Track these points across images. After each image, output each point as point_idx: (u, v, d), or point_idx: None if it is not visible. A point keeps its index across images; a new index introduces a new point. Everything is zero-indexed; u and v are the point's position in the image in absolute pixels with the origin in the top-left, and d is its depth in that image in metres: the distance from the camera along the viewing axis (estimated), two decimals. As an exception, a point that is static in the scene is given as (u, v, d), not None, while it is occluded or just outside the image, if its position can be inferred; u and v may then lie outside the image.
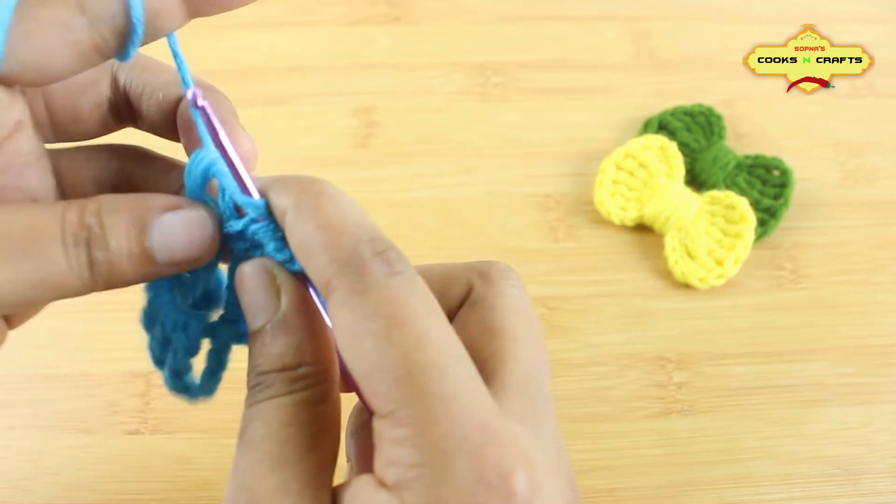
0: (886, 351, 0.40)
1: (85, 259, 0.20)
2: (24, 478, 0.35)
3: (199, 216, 0.22)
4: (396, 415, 0.18)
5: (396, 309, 0.19)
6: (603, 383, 0.39)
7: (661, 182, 0.43)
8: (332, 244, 0.20)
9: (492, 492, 0.18)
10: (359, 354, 0.19)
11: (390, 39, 0.51)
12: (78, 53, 0.21)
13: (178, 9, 0.22)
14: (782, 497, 0.36)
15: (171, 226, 0.21)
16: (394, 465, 0.18)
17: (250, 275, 0.22)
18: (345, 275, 0.20)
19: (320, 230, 0.20)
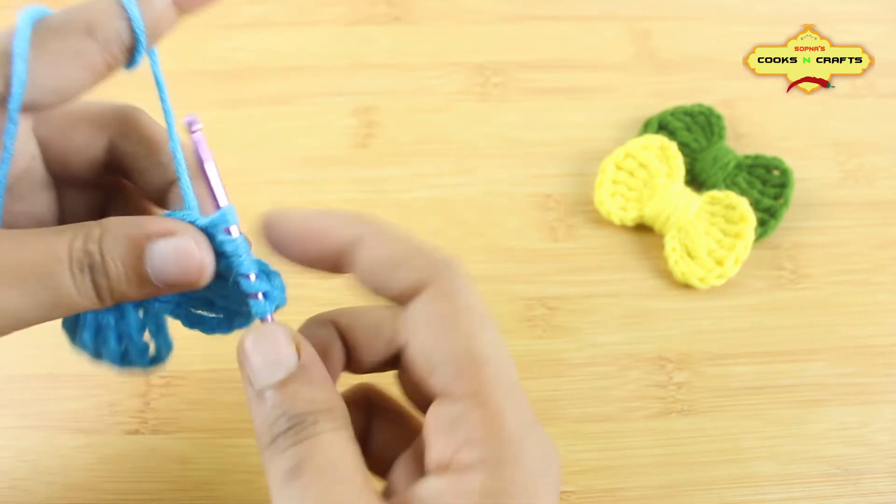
0: (886, 351, 0.40)
1: (90, 284, 0.22)
2: (23, 478, 0.35)
3: (188, 245, 0.23)
4: (491, 404, 0.21)
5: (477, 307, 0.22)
6: (603, 383, 0.39)
7: (661, 182, 0.43)
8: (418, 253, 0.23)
9: (553, 465, 0.22)
10: (443, 345, 0.21)
11: (390, 39, 0.51)
12: (92, 73, 0.23)
13: (171, 11, 0.24)
14: (782, 497, 0.36)
15: (163, 253, 0.22)
16: (473, 445, 0.21)
17: (269, 333, 0.23)
18: (442, 272, 0.23)
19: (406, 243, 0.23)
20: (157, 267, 0.22)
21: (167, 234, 0.23)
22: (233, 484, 0.36)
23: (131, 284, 0.22)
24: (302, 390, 0.22)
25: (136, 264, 0.22)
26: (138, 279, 0.22)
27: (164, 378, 0.38)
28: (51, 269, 0.22)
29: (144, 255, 0.22)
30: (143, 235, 0.22)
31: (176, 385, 0.38)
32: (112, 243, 0.22)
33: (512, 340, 0.40)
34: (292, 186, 0.44)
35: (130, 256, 0.22)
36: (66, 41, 0.22)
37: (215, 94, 0.48)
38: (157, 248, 0.22)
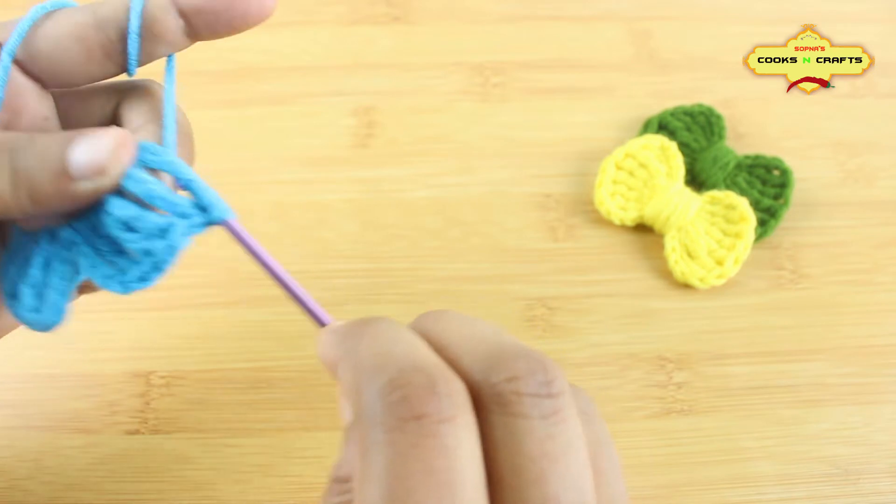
0: (886, 351, 0.40)
1: (7, 165, 0.22)
2: (23, 478, 0.35)
3: (109, 132, 0.22)
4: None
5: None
6: (603, 383, 0.39)
7: (661, 182, 0.43)
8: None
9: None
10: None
11: (390, 39, 0.51)
12: (86, 49, 0.24)
13: (179, 33, 0.24)
14: (782, 497, 0.36)
15: (85, 140, 0.22)
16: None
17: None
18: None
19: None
20: (75, 155, 0.22)
21: (95, 132, 0.22)
22: (233, 484, 0.36)
23: (49, 172, 0.22)
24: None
25: (59, 152, 0.22)
26: (56, 167, 0.22)
27: (164, 378, 0.38)
28: None
29: (71, 145, 0.22)
30: (75, 132, 0.22)
31: (176, 385, 0.38)
32: (43, 136, 0.22)
33: (512, 340, 0.40)
34: (292, 186, 0.44)
35: (56, 146, 0.22)
36: (68, 11, 0.24)
37: (215, 94, 0.48)
38: (82, 139, 0.22)
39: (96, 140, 0.22)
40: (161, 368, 0.38)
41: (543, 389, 0.19)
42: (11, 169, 0.22)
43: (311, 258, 0.42)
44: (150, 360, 0.39)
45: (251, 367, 0.38)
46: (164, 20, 0.24)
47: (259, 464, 0.36)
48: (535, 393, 0.19)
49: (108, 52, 0.24)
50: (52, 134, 0.23)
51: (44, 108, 0.25)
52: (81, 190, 0.22)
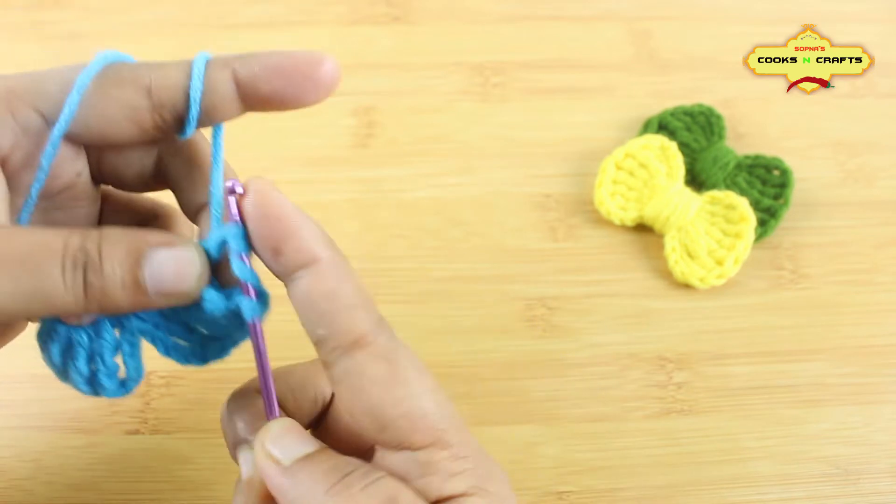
0: (886, 351, 0.40)
1: (80, 281, 0.22)
2: (23, 478, 0.35)
3: (189, 255, 0.23)
4: (454, 444, 0.23)
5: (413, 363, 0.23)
6: (603, 383, 0.39)
7: (661, 182, 0.43)
8: (367, 305, 0.23)
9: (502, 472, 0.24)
10: (391, 405, 0.22)
11: (390, 39, 0.51)
12: (139, 129, 0.24)
13: (234, 104, 0.24)
14: (782, 497, 0.36)
15: (162, 261, 0.22)
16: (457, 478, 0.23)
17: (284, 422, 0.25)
18: (382, 331, 0.23)
19: (358, 290, 0.23)
20: (155, 273, 0.22)
21: (167, 245, 0.23)
22: (233, 484, 0.36)
23: (125, 289, 0.22)
24: (335, 454, 0.23)
25: (133, 268, 0.22)
26: (133, 284, 0.22)
27: (164, 378, 0.38)
28: (40, 258, 0.21)
29: (143, 260, 0.22)
30: (144, 242, 0.22)
31: (176, 385, 0.38)
32: (111, 245, 0.22)
33: (512, 340, 0.40)
34: (292, 186, 0.44)
35: (129, 259, 0.22)
36: (124, 92, 0.23)
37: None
38: (157, 255, 0.22)
39: (176, 261, 0.23)
40: (161, 368, 0.38)
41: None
42: (83, 284, 0.22)
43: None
44: (150, 360, 0.38)
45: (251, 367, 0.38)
46: (223, 101, 0.24)
47: (259, 464, 0.36)
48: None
49: (161, 129, 0.24)
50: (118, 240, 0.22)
51: (77, 164, 0.25)
52: (156, 304, 0.23)
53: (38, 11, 0.51)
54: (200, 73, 0.23)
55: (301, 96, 0.24)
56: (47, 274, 0.21)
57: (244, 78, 0.24)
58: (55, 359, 0.25)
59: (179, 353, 0.26)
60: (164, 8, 0.51)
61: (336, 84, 0.25)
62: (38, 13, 0.51)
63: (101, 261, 0.22)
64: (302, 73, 0.24)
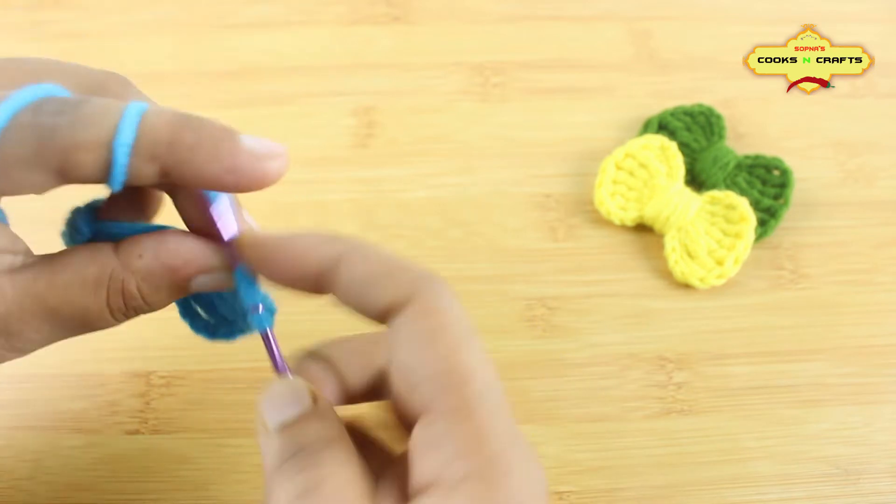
0: (886, 351, 0.40)
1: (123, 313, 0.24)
2: (23, 478, 0.35)
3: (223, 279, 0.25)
4: (453, 418, 0.20)
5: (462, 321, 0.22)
6: (603, 383, 0.39)
7: (661, 182, 0.43)
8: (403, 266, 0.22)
9: (540, 481, 0.21)
10: (425, 361, 0.21)
11: (390, 39, 0.51)
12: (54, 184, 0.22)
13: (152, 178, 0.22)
14: (782, 497, 0.36)
15: (202, 284, 0.25)
16: (459, 460, 0.20)
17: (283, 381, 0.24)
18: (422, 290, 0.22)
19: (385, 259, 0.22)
20: (196, 288, 0.25)
21: (206, 271, 0.24)
22: (233, 484, 0.36)
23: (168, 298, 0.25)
24: (313, 424, 0.22)
25: (176, 296, 0.25)
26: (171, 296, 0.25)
27: (164, 378, 0.38)
28: (87, 317, 0.23)
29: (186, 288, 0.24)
30: (183, 279, 0.24)
31: (176, 385, 0.38)
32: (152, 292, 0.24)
33: (512, 340, 0.40)
34: (292, 186, 0.44)
35: (171, 297, 0.25)
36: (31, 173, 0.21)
37: (215, 94, 0.48)
38: (197, 283, 0.24)
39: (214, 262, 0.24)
40: (161, 368, 0.38)
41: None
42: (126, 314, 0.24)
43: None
44: (150, 360, 0.39)
45: (251, 367, 0.38)
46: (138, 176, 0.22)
47: (259, 464, 0.36)
48: None
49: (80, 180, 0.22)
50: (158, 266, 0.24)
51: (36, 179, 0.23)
52: (193, 287, 0.25)
53: (38, 11, 0.51)
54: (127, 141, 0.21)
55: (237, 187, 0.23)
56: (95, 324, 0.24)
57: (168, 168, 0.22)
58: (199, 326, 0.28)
59: (196, 322, 0.28)
60: (164, 8, 0.51)
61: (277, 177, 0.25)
62: (38, 13, 0.51)
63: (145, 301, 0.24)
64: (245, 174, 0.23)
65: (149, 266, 0.24)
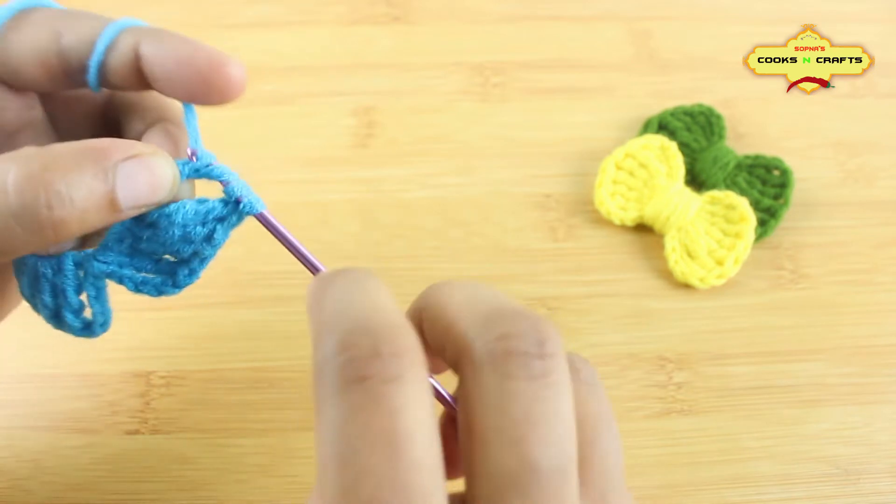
0: (886, 351, 0.40)
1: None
2: (23, 478, 0.35)
3: (159, 161, 0.23)
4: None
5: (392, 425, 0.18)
6: (603, 383, 0.39)
7: (661, 182, 0.43)
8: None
9: None
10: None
11: (390, 39, 0.51)
12: (48, 74, 0.24)
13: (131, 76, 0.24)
14: (782, 497, 0.36)
15: (132, 173, 0.22)
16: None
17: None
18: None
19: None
20: (128, 189, 0.22)
21: (135, 156, 0.22)
22: (233, 484, 0.36)
23: (99, 211, 0.21)
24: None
25: (107, 191, 0.21)
26: (107, 205, 0.21)
27: (164, 378, 0.38)
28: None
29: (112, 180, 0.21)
30: (108, 161, 0.21)
31: (176, 385, 0.38)
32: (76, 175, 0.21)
33: (512, 340, 0.40)
34: (292, 186, 0.44)
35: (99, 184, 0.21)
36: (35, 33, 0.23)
37: (215, 94, 0.48)
38: (126, 168, 0.22)
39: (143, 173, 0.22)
40: (161, 368, 0.38)
41: (535, 349, 0.19)
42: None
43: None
44: (150, 360, 0.39)
45: (251, 367, 0.38)
46: (121, 68, 0.24)
47: (259, 464, 0.36)
48: (526, 352, 0.19)
49: (71, 76, 0.24)
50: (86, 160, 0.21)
51: (20, 106, 0.25)
52: (126, 216, 0.22)
53: (38, 11, 0.51)
54: (108, 35, 0.24)
55: (200, 98, 0.24)
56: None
57: (146, 54, 0.24)
58: (24, 290, 0.25)
59: (151, 287, 0.26)
60: (164, 8, 0.51)
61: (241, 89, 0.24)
62: (38, 13, 0.51)
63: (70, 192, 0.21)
64: (203, 74, 0.23)
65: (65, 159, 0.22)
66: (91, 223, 0.21)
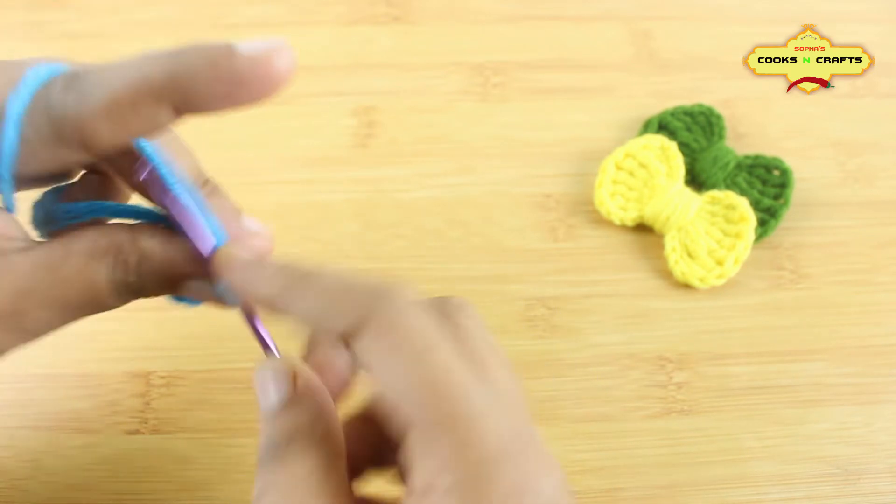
0: (886, 351, 0.40)
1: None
2: (23, 478, 0.35)
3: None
4: (435, 430, 0.19)
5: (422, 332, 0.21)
6: (603, 383, 0.39)
7: (661, 182, 0.43)
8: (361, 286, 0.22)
9: (526, 495, 0.19)
10: (397, 378, 0.20)
11: (390, 39, 0.51)
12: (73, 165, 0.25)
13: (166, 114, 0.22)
14: (782, 497, 0.36)
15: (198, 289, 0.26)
16: (445, 471, 0.19)
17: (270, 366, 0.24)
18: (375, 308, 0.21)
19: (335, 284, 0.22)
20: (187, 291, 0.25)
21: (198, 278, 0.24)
22: (233, 484, 0.36)
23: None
24: (290, 415, 0.22)
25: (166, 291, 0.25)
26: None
27: (164, 378, 0.38)
28: (93, 298, 0.24)
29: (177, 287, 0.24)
30: (177, 276, 0.24)
31: (176, 385, 0.38)
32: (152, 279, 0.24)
33: (512, 340, 0.40)
34: (292, 186, 0.44)
35: (167, 288, 0.24)
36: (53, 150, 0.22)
37: (215, 94, 0.48)
38: (189, 286, 0.25)
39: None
40: (161, 368, 0.38)
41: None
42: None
43: (312, 258, 0.42)
44: (150, 360, 0.39)
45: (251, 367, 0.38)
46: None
47: (259, 464, 0.36)
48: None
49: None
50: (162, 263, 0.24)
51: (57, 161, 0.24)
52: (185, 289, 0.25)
53: (38, 11, 0.51)
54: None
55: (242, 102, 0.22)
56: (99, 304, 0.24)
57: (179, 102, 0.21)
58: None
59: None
60: (163, 8, 0.51)
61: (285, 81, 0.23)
62: (38, 13, 0.51)
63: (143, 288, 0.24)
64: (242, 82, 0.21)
65: (153, 248, 0.24)
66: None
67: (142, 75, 0.21)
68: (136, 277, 0.24)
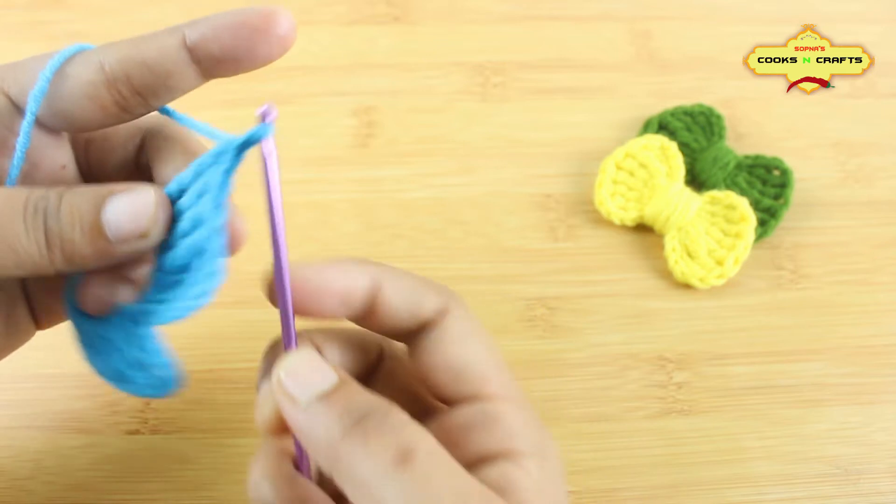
0: (886, 351, 0.40)
1: (41, 226, 0.22)
2: (23, 478, 0.35)
3: (146, 194, 0.23)
4: (522, 406, 0.25)
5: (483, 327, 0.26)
6: (603, 383, 0.39)
7: (661, 182, 0.43)
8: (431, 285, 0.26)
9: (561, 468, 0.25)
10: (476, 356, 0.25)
11: (390, 39, 0.51)
12: (100, 107, 0.24)
13: (189, 71, 0.24)
14: (782, 497, 0.36)
15: (120, 204, 0.23)
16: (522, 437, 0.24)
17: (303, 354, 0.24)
18: (456, 301, 0.26)
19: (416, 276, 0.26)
20: (113, 216, 0.23)
21: (126, 190, 0.23)
22: (233, 484, 0.36)
23: (84, 234, 0.22)
24: (358, 391, 0.22)
25: (92, 212, 0.22)
26: (91, 229, 0.22)
27: (164, 378, 0.38)
28: (3, 210, 0.22)
29: (102, 206, 0.22)
30: (106, 190, 0.23)
31: (176, 385, 0.38)
32: (72, 195, 0.23)
33: (512, 340, 0.40)
34: (292, 186, 0.44)
35: (88, 205, 0.22)
36: (78, 69, 0.23)
37: (215, 94, 0.47)
38: (115, 199, 0.23)
39: (132, 203, 0.23)
40: (161, 368, 0.38)
41: None
42: (43, 230, 0.22)
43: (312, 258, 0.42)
44: (150, 360, 0.39)
45: (251, 367, 0.38)
46: (177, 67, 0.24)
47: (259, 464, 0.36)
48: None
49: (123, 106, 0.24)
50: (81, 191, 0.23)
51: (61, 155, 0.25)
52: (120, 252, 0.23)
53: (38, 11, 0.51)
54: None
55: (254, 52, 0.25)
56: (9, 224, 0.22)
57: (194, 41, 0.24)
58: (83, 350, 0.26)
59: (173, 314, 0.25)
60: (164, 8, 0.51)
61: (291, 39, 0.25)
62: (38, 13, 0.51)
63: (59, 206, 0.22)
64: (252, 28, 0.24)
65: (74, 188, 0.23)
66: (80, 249, 0.23)
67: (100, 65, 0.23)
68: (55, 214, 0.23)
